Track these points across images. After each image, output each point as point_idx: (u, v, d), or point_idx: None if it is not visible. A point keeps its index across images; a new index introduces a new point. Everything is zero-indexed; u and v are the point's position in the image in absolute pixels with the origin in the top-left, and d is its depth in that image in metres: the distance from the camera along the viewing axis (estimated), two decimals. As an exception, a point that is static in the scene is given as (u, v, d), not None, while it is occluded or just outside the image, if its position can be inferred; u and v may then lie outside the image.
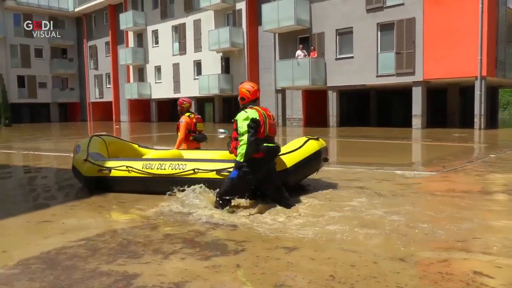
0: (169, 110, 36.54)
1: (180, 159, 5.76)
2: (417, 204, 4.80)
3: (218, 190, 4.55)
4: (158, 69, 34.10)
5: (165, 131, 23.46)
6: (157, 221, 4.23)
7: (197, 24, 30.18)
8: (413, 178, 6.62)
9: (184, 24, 31.17)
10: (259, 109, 4.52)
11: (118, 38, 37.61)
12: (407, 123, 20.04)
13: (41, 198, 5.40)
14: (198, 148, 6.72)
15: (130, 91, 34.99)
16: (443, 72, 18.19)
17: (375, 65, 20.09)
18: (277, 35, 24.07)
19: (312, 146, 5.42)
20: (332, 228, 3.80)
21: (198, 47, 30.32)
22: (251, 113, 4.41)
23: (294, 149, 5.34)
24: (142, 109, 36.14)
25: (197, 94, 30.13)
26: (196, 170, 5.13)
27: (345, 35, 21.27)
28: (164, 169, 5.31)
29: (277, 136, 5.48)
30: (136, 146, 6.98)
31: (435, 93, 22.78)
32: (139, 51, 34.88)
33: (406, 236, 3.54)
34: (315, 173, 5.74)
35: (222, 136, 17.78)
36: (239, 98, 4.73)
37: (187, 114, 6.62)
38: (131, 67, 36.27)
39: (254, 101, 4.66)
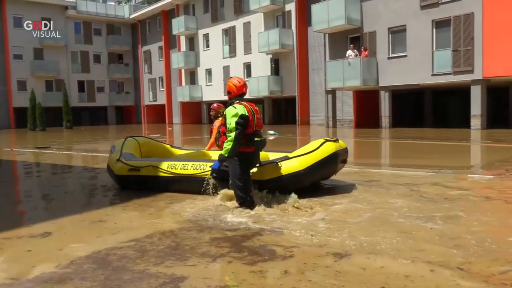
0: (219, 112, 36.96)
1: (203, 159, 5.96)
2: (475, 210, 4.51)
3: (236, 200, 4.73)
4: (208, 72, 34.68)
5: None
6: (204, 223, 4.25)
7: (247, 26, 30.41)
8: (471, 182, 6.26)
9: (234, 27, 31.51)
10: (247, 104, 4.62)
11: (171, 42, 38.65)
12: (465, 123, 19.07)
13: (97, 198, 5.60)
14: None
15: (182, 94, 35.82)
16: (504, 69, 17.14)
17: (430, 63, 19.30)
18: (327, 35, 23.75)
19: (329, 148, 5.46)
20: (382, 235, 3.64)
21: (248, 49, 30.53)
22: (240, 109, 4.51)
23: (309, 151, 5.42)
24: (193, 111, 36.89)
25: (246, 97, 30.14)
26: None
27: (398, 33, 20.62)
28: (187, 169, 5.51)
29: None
30: (168, 146, 7.23)
31: (495, 92, 21.55)
32: (191, 55, 35.65)
33: (462, 245, 3.32)
34: (334, 174, 5.82)
35: (271, 137, 17.76)
36: (226, 91, 4.84)
37: (220, 118, 6.59)
38: (183, 71, 37.14)
39: (240, 95, 4.76)
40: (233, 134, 4.44)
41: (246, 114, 4.52)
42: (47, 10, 39.07)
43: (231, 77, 4.98)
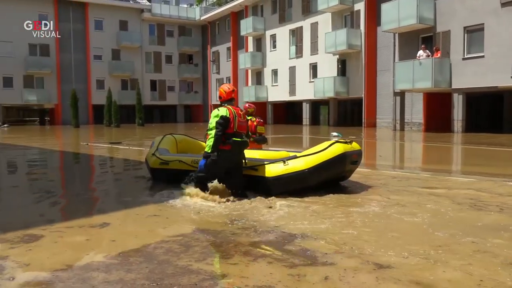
0: (284, 112, 37.11)
1: None
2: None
3: (193, 174, 5.41)
4: (275, 72, 34.85)
5: (280, 133, 23.87)
6: (247, 223, 4.28)
7: (314, 27, 30.17)
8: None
9: (301, 27, 31.40)
10: (231, 108, 5.22)
11: (239, 43, 39.32)
12: (550, 130, 17.52)
13: (156, 192, 5.79)
14: (259, 149, 7.08)
15: (248, 93, 36.31)
16: None
17: (510, 65, 17.93)
18: (397, 35, 22.91)
19: (337, 149, 5.61)
20: (436, 249, 3.45)
21: (314, 50, 30.29)
22: (222, 111, 5.14)
23: (316, 151, 5.64)
24: (258, 111, 36.80)
25: (312, 97, 30.10)
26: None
27: (474, 32, 19.38)
28: None
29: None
30: (204, 143, 7.34)
31: None
32: (258, 55, 36.04)
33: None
34: (345, 174, 6.00)
35: (335, 139, 17.43)
36: (218, 96, 5.47)
37: (249, 117, 6.97)
38: (249, 71, 37.64)
39: (229, 100, 5.37)
40: (213, 132, 5.04)
41: (228, 116, 5.12)
42: (124, 13, 41.40)
43: (223, 84, 5.59)
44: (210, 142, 5.05)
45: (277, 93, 34.39)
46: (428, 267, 3.02)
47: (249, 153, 6.24)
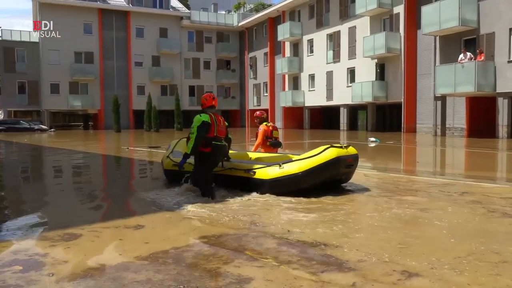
0: (321, 117, 36.85)
1: (236, 160, 6.66)
2: None
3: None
4: (312, 77, 34.70)
5: (316, 138, 23.72)
6: (272, 227, 4.29)
7: (352, 31, 29.86)
8: None
9: (339, 31, 31.15)
10: (212, 115, 5.77)
11: (276, 48, 39.45)
12: None
13: (191, 197, 5.90)
14: (274, 153, 7.43)
15: (285, 99, 36.31)
16: None
17: (560, 67, 17.09)
18: (437, 38, 22.32)
19: (330, 154, 5.84)
20: (463, 258, 3.35)
21: (352, 54, 29.97)
22: (204, 117, 5.66)
23: (310, 156, 5.92)
24: (295, 116, 37.16)
25: (349, 102, 29.75)
26: (232, 169, 6.14)
27: (521, 34, 18.62)
28: (230, 167, 6.23)
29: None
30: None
31: None
32: (295, 60, 36.01)
33: None
34: (341, 177, 6.18)
35: (373, 145, 17.18)
36: (200, 103, 6.04)
37: (265, 123, 7.50)
38: (286, 76, 37.66)
39: (210, 107, 5.92)
40: (193, 136, 5.56)
41: (209, 121, 5.66)
42: (164, 21, 42.49)
43: (206, 92, 6.28)
44: (190, 144, 5.60)
45: (314, 98, 34.21)
46: (455, 277, 2.94)
47: (253, 156, 6.99)
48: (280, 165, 5.90)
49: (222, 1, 49.51)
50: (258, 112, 7.70)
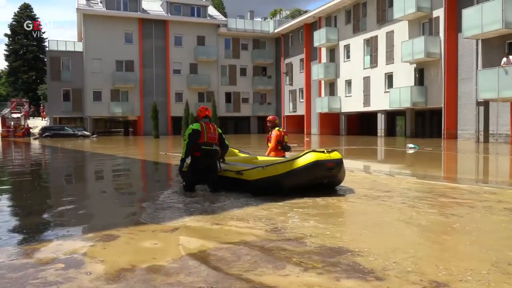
0: (358, 123, 36.33)
1: (238, 163, 7.29)
2: None
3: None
4: (348, 83, 34.31)
5: (353, 144, 23.40)
6: (294, 233, 4.27)
7: (389, 35, 29.35)
8: None
9: (376, 36, 30.69)
10: (203, 123, 6.63)
11: (312, 54, 39.29)
12: None
13: (227, 202, 5.98)
14: (283, 157, 7.82)
15: (321, 105, 36.05)
16: None
17: None
18: (479, 41, 21.57)
19: (309, 157, 6.26)
20: (495, 270, 3.20)
21: (390, 59, 29.43)
22: (195, 125, 6.59)
23: (291, 159, 6.48)
24: (331, 122, 36.81)
25: (387, 108, 29.18)
26: (226, 171, 6.77)
27: None
28: (225, 169, 6.85)
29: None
30: (236, 151, 8.66)
31: None
32: (331, 66, 35.73)
33: None
34: (324, 181, 6.46)
35: (411, 151, 16.76)
36: (196, 115, 6.94)
37: (277, 128, 7.94)
38: (322, 82, 37.40)
39: (204, 117, 6.81)
40: (185, 142, 6.49)
41: (199, 129, 6.53)
42: (202, 29, 43.25)
43: (203, 105, 7.19)
44: (183, 150, 6.55)
45: (351, 103, 33.79)
46: None
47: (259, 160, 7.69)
48: (263, 167, 6.46)
49: (258, 9, 50.01)
50: (271, 117, 8.13)
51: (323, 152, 6.41)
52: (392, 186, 7.42)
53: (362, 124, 36.35)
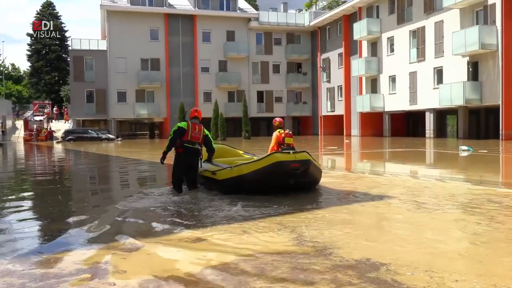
0: (404, 123, 35.67)
1: (219, 163, 8.09)
2: None
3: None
4: (392, 79, 33.77)
5: (398, 146, 23.03)
6: (320, 244, 4.27)
7: (439, 26, 28.72)
8: None
9: (423, 27, 30.10)
10: (190, 122, 7.66)
11: (351, 48, 38.91)
12: None
13: (250, 209, 6.04)
14: None
15: (362, 103, 35.63)
16: None
17: None
18: (543, 30, 20.78)
19: (271, 158, 6.94)
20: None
21: (439, 52, 28.78)
22: (181, 123, 7.68)
23: (256, 159, 7.27)
24: (374, 122, 36.29)
25: (436, 106, 28.54)
26: (205, 171, 7.78)
27: None
28: (206, 170, 7.81)
29: None
30: (241, 152, 9.59)
31: None
32: (373, 61, 35.28)
33: None
34: (290, 181, 7.02)
35: (464, 154, 16.33)
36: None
37: (278, 130, 8.60)
38: (363, 78, 36.97)
39: (194, 117, 7.89)
40: (170, 138, 7.58)
41: (184, 128, 7.55)
42: (231, 24, 43.60)
43: (193, 108, 8.37)
44: (167, 143, 7.69)
45: (395, 102, 33.22)
46: None
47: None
48: (231, 168, 7.32)
49: (292, 0, 49.77)
50: (277, 119, 9.03)
51: (288, 153, 7.06)
52: (441, 193, 7.25)
53: (408, 125, 35.72)
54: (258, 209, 6.15)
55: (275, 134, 8.66)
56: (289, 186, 7.12)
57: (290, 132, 8.77)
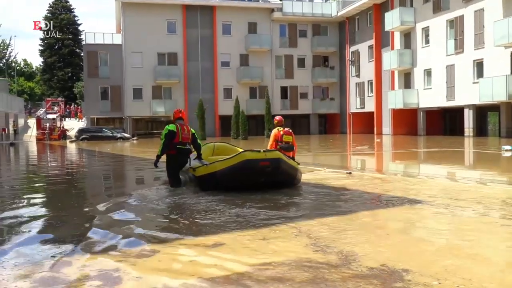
0: (440, 121, 35.18)
1: (205, 160, 8.85)
2: None
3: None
4: (427, 72, 33.34)
5: (434, 146, 22.73)
6: (337, 249, 4.27)
7: (479, 15, 28.22)
8: None
9: (461, 16, 29.62)
10: (178, 125, 8.44)
11: (383, 40, 38.56)
12: None
13: (266, 215, 6.05)
14: (289, 156, 9.12)
15: (394, 99, 35.27)
16: None
17: None
18: None
19: (240, 156, 7.67)
20: None
21: (479, 43, 28.28)
22: (170, 126, 8.42)
23: (228, 157, 7.99)
24: (407, 120, 35.88)
25: (476, 102, 28.06)
26: (190, 168, 8.59)
27: None
28: (190, 166, 8.62)
29: None
30: (240, 150, 9.85)
31: None
32: (406, 53, 34.89)
33: None
34: (261, 179, 7.79)
35: (508, 154, 16.02)
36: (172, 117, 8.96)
37: (277, 128, 9.51)
38: (396, 72, 36.58)
39: (178, 119, 8.66)
40: (162, 142, 8.42)
41: (174, 130, 8.34)
42: (253, 15, 43.67)
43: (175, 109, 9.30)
44: (160, 147, 8.45)
45: (431, 97, 32.78)
46: None
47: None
48: (207, 165, 8.14)
49: (319, -11, 49.46)
50: (278, 117, 9.88)
51: (258, 151, 7.77)
52: (481, 197, 7.13)
53: (445, 122, 35.29)
54: (275, 212, 6.16)
55: (274, 131, 9.54)
56: (262, 183, 7.82)
57: (290, 130, 9.60)
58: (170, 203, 7.27)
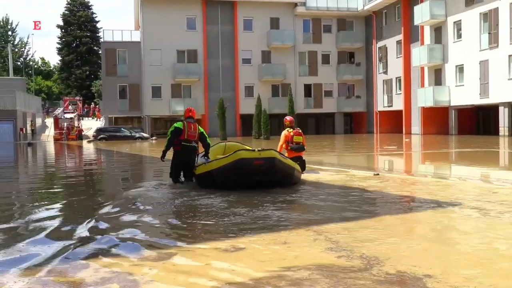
0: (473, 119, 34.66)
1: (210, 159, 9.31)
2: None
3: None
4: (460, 69, 32.88)
5: (467, 146, 22.42)
6: (357, 253, 4.25)
7: (514, 7, 27.69)
8: None
9: (496, 9, 29.13)
10: (185, 122, 9.18)
11: (412, 35, 38.15)
12: None
13: (283, 217, 6.06)
14: (297, 156, 9.84)
15: (424, 97, 34.87)
16: None
17: None
18: None
19: (235, 155, 8.07)
20: None
21: (515, 37, 27.76)
22: (177, 124, 9.19)
23: (224, 156, 8.48)
24: (438, 119, 35.46)
25: (511, 99, 27.50)
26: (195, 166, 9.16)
27: None
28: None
29: None
30: (249, 148, 10.31)
31: None
32: (437, 49, 34.47)
33: None
34: (256, 178, 8.20)
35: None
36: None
37: (287, 129, 9.91)
38: (426, 69, 36.16)
39: (189, 117, 9.35)
40: (168, 138, 9.22)
41: (181, 127, 9.07)
42: (276, 9, 43.66)
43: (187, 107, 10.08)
44: (165, 143, 9.29)
45: (463, 95, 32.31)
46: None
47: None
48: (205, 163, 8.69)
49: (344, -18, 49.18)
50: (289, 118, 10.38)
51: (253, 150, 8.24)
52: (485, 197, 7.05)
53: (478, 121, 34.89)
54: (296, 215, 6.15)
55: (284, 133, 9.97)
56: (258, 182, 8.22)
57: (300, 131, 10.07)
58: (186, 205, 7.30)
